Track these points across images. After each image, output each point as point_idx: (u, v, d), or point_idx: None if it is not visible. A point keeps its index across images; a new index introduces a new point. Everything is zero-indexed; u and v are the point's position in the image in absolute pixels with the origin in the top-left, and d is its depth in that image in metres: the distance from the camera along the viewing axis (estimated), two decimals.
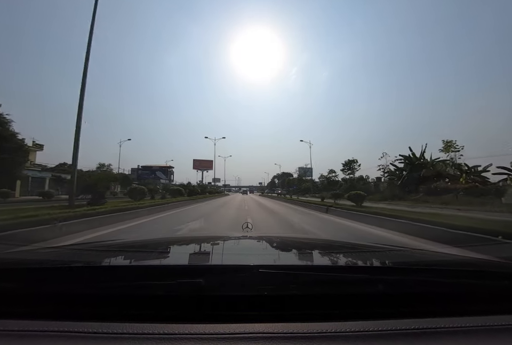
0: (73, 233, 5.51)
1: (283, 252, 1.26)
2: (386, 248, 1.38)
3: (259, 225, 7.75)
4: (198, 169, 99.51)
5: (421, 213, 7.92)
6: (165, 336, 0.49)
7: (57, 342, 0.49)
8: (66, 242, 4.27)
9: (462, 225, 5.00)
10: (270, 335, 0.50)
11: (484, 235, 4.14)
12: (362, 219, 8.52)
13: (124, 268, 0.79)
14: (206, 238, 1.71)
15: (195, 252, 1.21)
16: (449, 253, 1.41)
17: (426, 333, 0.53)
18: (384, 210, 9.33)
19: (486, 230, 4.31)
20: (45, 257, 1.00)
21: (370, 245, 1.57)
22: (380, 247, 1.46)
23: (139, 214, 9.50)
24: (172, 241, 1.56)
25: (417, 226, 5.88)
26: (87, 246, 1.35)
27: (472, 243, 4.00)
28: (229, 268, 0.72)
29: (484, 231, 4.29)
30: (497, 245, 3.61)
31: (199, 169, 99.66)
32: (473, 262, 0.97)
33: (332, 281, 0.68)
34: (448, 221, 5.47)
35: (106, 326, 0.52)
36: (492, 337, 0.53)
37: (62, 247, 1.44)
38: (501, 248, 3.56)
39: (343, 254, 1.18)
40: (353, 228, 7.49)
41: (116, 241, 1.53)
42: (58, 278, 0.68)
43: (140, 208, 10.32)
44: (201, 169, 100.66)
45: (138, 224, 7.80)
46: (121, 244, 1.40)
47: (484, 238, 4.06)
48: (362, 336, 0.51)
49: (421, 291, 0.67)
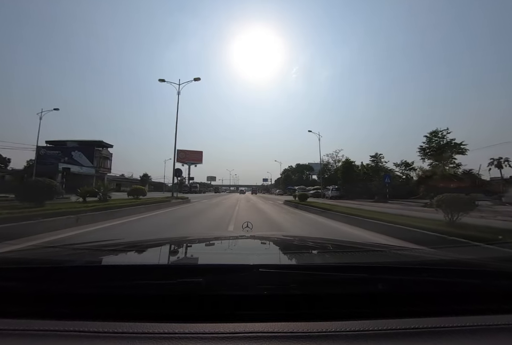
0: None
1: (283, 252, 1.26)
2: (385, 247, 1.51)
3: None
4: (183, 162, 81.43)
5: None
6: (166, 336, 0.50)
7: (57, 342, 0.49)
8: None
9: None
10: (270, 335, 0.51)
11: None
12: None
13: (124, 267, 0.78)
14: (206, 238, 1.72)
15: (195, 251, 1.23)
16: (449, 253, 1.50)
17: (426, 332, 0.53)
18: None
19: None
20: (44, 257, 1.01)
21: (370, 244, 1.67)
22: (379, 246, 1.57)
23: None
24: (172, 240, 1.57)
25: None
26: (88, 245, 1.30)
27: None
28: (229, 268, 0.72)
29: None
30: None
31: (184, 162, 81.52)
32: (471, 261, 0.99)
33: (332, 280, 0.69)
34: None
35: (106, 325, 0.53)
36: (491, 336, 0.53)
37: (62, 246, 1.40)
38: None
39: (343, 253, 1.24)
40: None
41: (116, 241, 1.54)
42: (58, 277, 0.68)
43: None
44: (187, 162, 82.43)
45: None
46: (122, 243, 1.39)
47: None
48: (363, 336, 0.51)
49: (420, 290, 0.67)
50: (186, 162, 79.73)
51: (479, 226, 4.70)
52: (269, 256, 1.12)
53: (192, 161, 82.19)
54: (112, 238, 1.65)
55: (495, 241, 3.47)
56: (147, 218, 8.42)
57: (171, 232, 5.80)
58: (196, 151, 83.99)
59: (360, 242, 1.71)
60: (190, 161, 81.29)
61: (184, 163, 79.31)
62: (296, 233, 5.02)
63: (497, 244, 3.35)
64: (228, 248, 1.35)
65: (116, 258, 1.02)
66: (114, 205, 8.76)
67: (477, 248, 3.36)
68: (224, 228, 6.59)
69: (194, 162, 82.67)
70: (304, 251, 1.25)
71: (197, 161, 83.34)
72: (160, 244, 1.36)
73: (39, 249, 1.32)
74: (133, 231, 5.91)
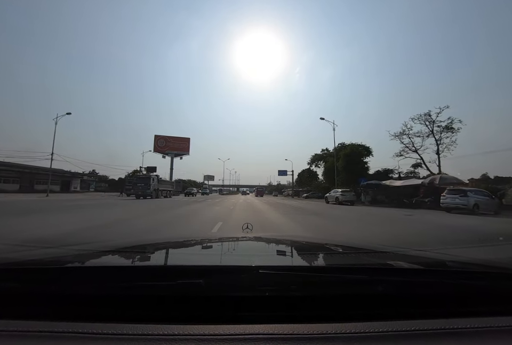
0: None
1: (283, 253, 1.26)
2: (387, 248, 1.44)
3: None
4: (163, 153, 59.97)
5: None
6: (166, 337, 0.50)
7: (57, 342, 0.49)
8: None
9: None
10: (270, 336, 0.51)
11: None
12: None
13: (124, 268, 0.78)
14: (206, 239, 1.70)
15: (195, 253, 1.21)
16: (452, 254, 1.36)
17: (428, 334, 0.53)
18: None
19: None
20: (44, 257, 1.02)
21: (371, 246, 1.67)
22: (381, 247, 1.53)
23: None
24: (172, 242, 1.55)
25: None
26: (87, 246, 1.32)
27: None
28: (229, 269, 0.72)
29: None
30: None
31: (163, 153, 60.04)
32: (476, 263, 0.97)
33: (332, 282, 0.69)
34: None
35: (106, 327, 0.53)
36: (496, 338, 0.53)
37: (62, 247, 1.43)
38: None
39: (344, 255, 1.21)
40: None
41: (116, 242, 1.59)
42: (58, 278, 0.68)
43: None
44: (167, 152, 60.65)
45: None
46: (121, 245, 1.39)
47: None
48: (363, 337, 0.51)
49: (422, 292, 0.67)
50: (167, 152, 60.07)
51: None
52: (269, 258, 1.12)
53: (176, 151, 62.22)
54: (111, 239, 1.85)
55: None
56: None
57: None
58: (181, 138, 64.44)
59: (361, 244, 1.73)
60: (172, 150, 61.30)
61: (164, 153, 59.70)
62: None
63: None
64: (228, 249, 1.33)
65: (116, 259, 1.03)
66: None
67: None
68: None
69: (179, 153, 62.86)
70: (304, 252, 1.25)
71: (182, 150, 63.47)
72: (160, 245, 1.36)
73: (39, 249, 1.36)
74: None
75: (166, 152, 60.52)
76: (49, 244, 2.99)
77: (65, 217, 7.94)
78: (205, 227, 6.48)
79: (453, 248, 3.61)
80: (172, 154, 61.06)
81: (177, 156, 62.66)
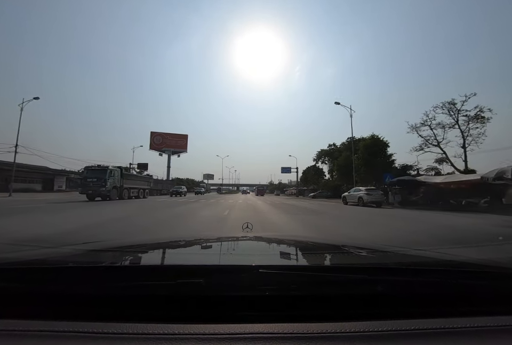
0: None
1: (283, 253, 1.24)
2: (387, 248, 1.43)
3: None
4: (159, 150, 56.39)
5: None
6: (166, 336, 0.50)
7: (58, 342, 0.49)
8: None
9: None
10: (270, 336, 0.51)
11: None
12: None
13: (123, 268, 0.78)
14: (206, 238, 1.67)
15: (195, 252, 1.20)
16: (452, 254, 1.35)
17: (428, 334, 0.53)
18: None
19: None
20: (44, 257, 1.01)
21: (371, 245, 1.66)
22: (381, 247, 1.52)
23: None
24: (172, 241, 1.54)
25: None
26: (87, 246, 1.30)
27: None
28: (229, 269, 0.72)
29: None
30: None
31: (160, 150, 56.46)
32: (476, 262, 0.97)
33: (332, 281, 0.68)
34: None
35: (107, 326, 0.53)
36: (496, 338, 0.53)
37: (62, 247, 1.42)
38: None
39: (344, 254, 1.20)
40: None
41: (116, 241, 1.57)
42: (58, 278, 0.68)
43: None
44: (164, 149, 56.98)
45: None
46: (121, 244, 1.39)
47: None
48: (363, 337, 0.51)
49: (422, 291, 0.67)
50: (164, 150, 56.45)
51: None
52: (269, 257, 1.12)
53: (174, 148, 58.56)
54: (111, 239, 1.79)
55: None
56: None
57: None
58: (179, 134, 60.77)
59: (361, 243, 1.74)
60: (169, 148, 57.63)
61: (161, 151, 56.12)
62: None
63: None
64: (228, 249, 1.32)
65: (116, 258, 1.02)
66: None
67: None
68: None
69: (177, 150, 59.17)
70: (304, 252, 1.25)
71: (179, 147, 59.78)
72: (160, 245, 1.36)
73: (39, 249, 1.34)
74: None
75: (162, 149, 56.86)
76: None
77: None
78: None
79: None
80: (169, 152, 57.37)
81: (175, 153, 58.99)
